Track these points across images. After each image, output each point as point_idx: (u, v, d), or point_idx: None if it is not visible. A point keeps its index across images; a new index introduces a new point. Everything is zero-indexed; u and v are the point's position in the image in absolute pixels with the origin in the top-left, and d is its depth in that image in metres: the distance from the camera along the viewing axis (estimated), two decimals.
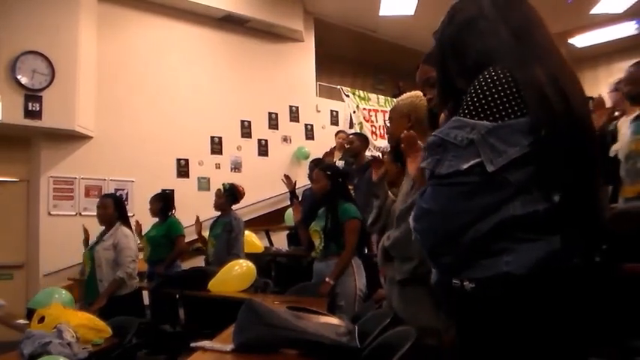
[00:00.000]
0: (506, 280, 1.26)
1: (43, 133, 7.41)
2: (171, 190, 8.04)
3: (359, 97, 10.19)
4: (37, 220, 7.48)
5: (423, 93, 2.37)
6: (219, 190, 6.06)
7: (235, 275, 4.99)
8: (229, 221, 5.85)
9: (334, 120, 10.93)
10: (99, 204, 5.29)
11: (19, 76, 6.91)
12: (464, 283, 1.30)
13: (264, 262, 6.86)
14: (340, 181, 4.81)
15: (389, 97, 10.59)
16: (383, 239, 2.88)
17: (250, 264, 5.09)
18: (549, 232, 1.28)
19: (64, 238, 6.97)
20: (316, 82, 10.91)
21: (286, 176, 5.73)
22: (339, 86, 10.46)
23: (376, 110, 10.22)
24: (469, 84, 1.38)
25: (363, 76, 13.23)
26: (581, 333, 1.33)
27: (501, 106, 1.28)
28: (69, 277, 7.01)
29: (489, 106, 1.28)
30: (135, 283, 5.16)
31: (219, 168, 9.19)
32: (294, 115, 10.36)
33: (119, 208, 5.28)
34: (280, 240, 8.30)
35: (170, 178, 8.56)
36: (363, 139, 6.82)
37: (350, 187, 5.39)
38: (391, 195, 3.16)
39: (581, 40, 11.41)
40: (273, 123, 10.06)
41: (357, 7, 10.35)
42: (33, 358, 2.95)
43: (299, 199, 5.83)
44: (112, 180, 8.00)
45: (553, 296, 1.27)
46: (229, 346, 2.38)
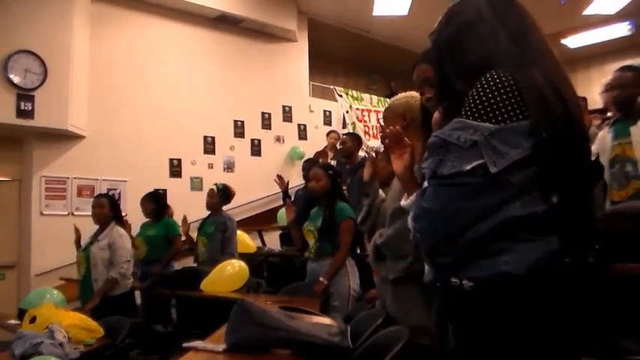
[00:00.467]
0: (505, 280, 1.27)
1: (35, 132, 7.38)
2: (164, 190, 8.03)
3: (352, 97, 10.21)
4: (29, 220, 7.44)
5: (421, 92, 2.34)
6: (212, 190, 6.05)
7: (228, 275, 4.99)
8: (223, 221, 5.83)
9: (327, 120, 10.94)
10: (95, 203, 5.29)
11: (11, 76, 6.87)
12: (463, 282, 1.31)
13: (256, 262, 6.86)
14: (338, 182, 4.83)
15: (382, 97, 10.63)
16: (375, 237, 2.87)
17: (243, 264, 5.09)
18: (547, 233, 1.30)
19: (56, 238, 6.93)
20: (309, 82, 10.90)
21: (279, 176, 5.73)
22: (332, 86, 10.48)
23: (369, 110, 10.24)
24: (469, 86, 1.39)
25: (356, 76, 13.25)
26: (578, 332, 1.35)
27: (504, 109, 1.29)
28: (61, 277, 6.99)
29: (492, 109, 1.30)
30: (129, 283, 5.15)
31: (212, 168, 9.17)
32: (287, 115, 10.36)
33: (114, 207, 5.30)
34: (273, 240, 8.30)
35: (163, 177, 8.54)
36: (355, 139, 6.82)
37: (344, 187, 5.41)
38: (381, 194, 3.16)
39: (575, 41, 11.46)
40: (266, 123, 10.05)
41: (351, 8, 10.36)
42: (24, 358, 2.94)
43: (292, 199, 5.82)
44: (104, 180, 7.97)
45: (551, 296, 1.29)
46: (222, 347, 2.38)
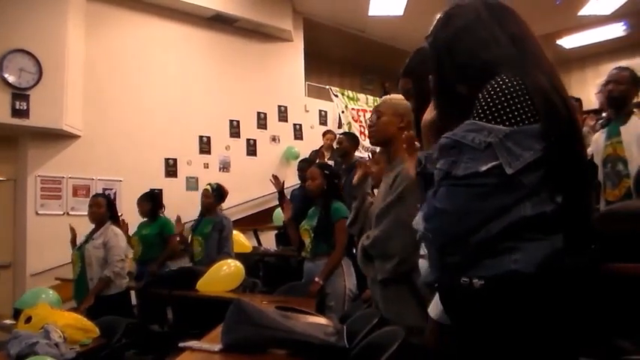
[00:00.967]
0: (515, 278, 1.30)
1: (30, 132, 7.36)
2: (160, 190, 8.01)
3: (348, 97, 10.22)
4: (25, 220, 7.42)
5: (412, 105, 2.40)
6: (206, 190, 6.02)
7: (224, 275, 4.99)
8: (220, 221, 5.81)
9: (323, 120, 10.95)
10: (92, 202, 5.29)
11: (5, 75, 6.84)
12: (473, 280, 1.33)
13: (252, 261, 6.86)
14: (335, 182, 4.83)
15: (377, 98, 10.61)
16: (362, 239, 2.90)
17: (239, 264, 5.09)
18: (554, 232, 1.33)
19: (51, 237, 6.91)
20: (305, 81, 10.90)
21: (274, 176, 5.73)
22: (327, 86, 10.48)
23: (365, 110, 10.24)
24: (471, 89, 1.42)
25: (351, 76, 13.24)
26: (580, 330, 1.38)
27: (516, 112, 1.31)
28: (56, 277, 6.96)
29: (505, 112, 1.32)
30: (124, 282, 5.15)
31: (207, 168, 9.16)
32: (282, 115, 10.36)
33: (110, 207, 5.30)
34: (268, 240, 8.30)
35: (158, 177, 8.53)
36: (352, 138, 6.80)
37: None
38: (369, 197, 3.21)
39: (570, 42, 11.49)
40: (261, 123, 10.04)
41: (346, 7, 10.35)
42: (20, 358, 2.94)
43: (288, 199, 5.82)
44: (100, 179, 7.95)
45: (558, 294, 1.32)
46: (217, 346, 2.38)
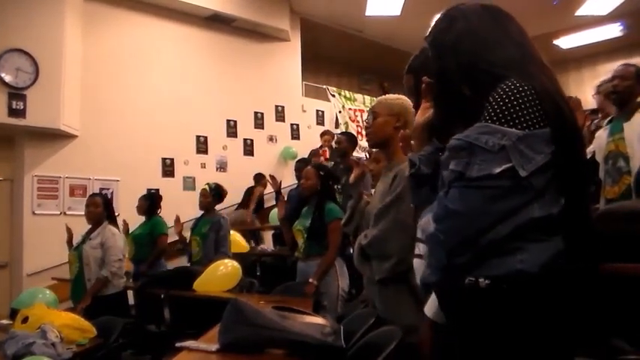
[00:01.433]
0: (520, 278, 1.31)
1: (27, 131, 7.35)
2: (157, 190, 8.01)
3: (345, 97, 10.23)
4: (21, 220, 7.41)
5: (414, 103, 2.39)
6: (204, 190, 6.02)
7: (221, 275, 4.98)
8: (217, 220, 5.80)
9: (320, 120, 10.96)
10: (89, 202, 5.27)
11: (2, 74, 6.84)
12: (479, 280, 1.34)
13: (249, 261, 6.86)
14: (329, 183, 4.83)
15: (375, 98, 10.60)
16: (359, 238, 2.90)
17: (236, 264, 5.08)
18: (557, 233, 1.36)
19: (48, 237, 6.90)
20: (302, 81, 10.92)
21: (271, 176, 5.72)
22: (325, 86, 10.50)
23: (362, 110, 10.26)
24: (478, 91, 1.43)
25: (349, 76, 13.26)
26: (579, 330, 1.39)
27: (528, 116, 1.34)
28: (53, 277, 6.96)
29: (517, 115, 1.34)
30: (122, 282, 5.13)
31: (204, 167, 9.17)
32: (279, 115, 10.37)
33: (107, 207, 5.29)
34: (266, 240, 8.30)
35: (155, 177, 8.54)
36: (350, 138, 6.77)
37: (337, 188, 5.40)
38: (365, 197, 3.22)
39: (567, 42, 11.52)
40: (258, 122, 10.05)
41: (344, 7, 10.37)
42: (17, 358, 2.94)
43: (283, 197, 5.82)
44: (97, 179, 7.95)
45: (561, 294, 1.34)
46: (214, 346, 2.38)
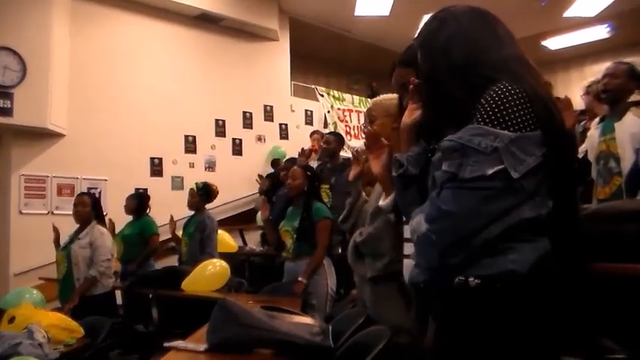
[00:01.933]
0: (510, 278, 1.33)
1: (14, 130, 7.32)
2: (145, 189, 7.98)
3: (333, 97, 10.21)
4: (8, 219, 7.37)
5: (399, 96, 2.35)
6: (192, 190, 6.02)
7: (209, 275, 4.98)
8: (202, 220, 5.81)
9: (309, 120, 10.95)
10: (77, 201, 5.23)
11: None
12: (469, 279, 1.35)
13: (237, 261, 6.84)
14: (316, 183, 4.85)
15: (363, 97, 10.64)
16: (354, 236, 2.90)
17: (224, 263, 5.07)
18: (545, 234, 1.37)
19: (35, 237, 6.85)
20: (291, 81, 10.91)
21: (260, 176, 5.72)
22: (313, 86, 10.48)
23: (350, 110, 10.25)
24: (470, 93, 1.44)
25: (337, 76, 13.27)
26: (566, 330, 1.41)
27: (520, 119, 1.35)
28: (40, 277, 6.91)
29: (510, 117, 1.35)
30: (110, 282, 5.10)
31: (193, 167, 9.14)
32: (268, 115, 10.35)
33: (95, 206, 5.25)
34: (254, 239, 8.30)
35: (144, 176, 8.50)
36: (338, 138, 6.80)
37: (326, 187, 5.41)
38: (364, 195, 3.20)
39: (555, 43, 11.60)
40: (247, 122, 10.03)
41: (333, 7, 10.37)
42: (3, 359, 2.92)
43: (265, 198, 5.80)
44: (84, 179, 7.91)
45: (549, 294, 1.35)
46: (203, 346, 2.38)
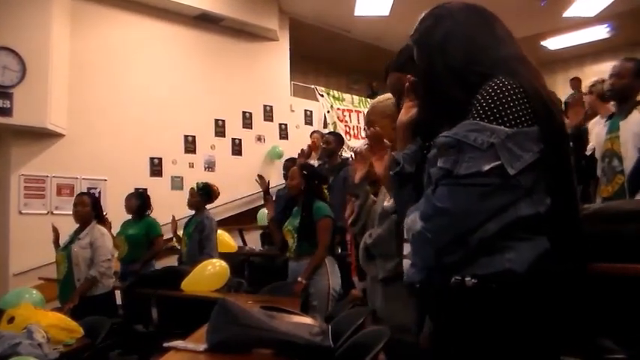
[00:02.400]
0: (508, 277, 1.31)
1: (13, 130, 7.32)
2: (145, 189, 7.96)
3: (333, 97, 10.22)
4: (7, 219, 7.37)
5: (397, 101, 2.32)
6: (192, 189, 6.03)
7: (209, 275, 4.97)
8: (201, 220, 5.81)
9: (308, 120, 10.95)
10: (77, 201, 5.21)
11: None
12: (465, 279, 1.33)
13: (237, 261, 6.84)
14: (316, 182, 4.83)
15: (363, 98, 10.67)
16: (365, 237, 2.89)
17: (224, 263, 5.07)
18: (543, 232, 1.36)
19: (34, 237, 6.85)
20: (291, 81, 10.91)
21: (260, 176, 5.71)
22: (313, 86, 10.49)
23: (350, 110, 10.26)
24: (467, 91, 1.42)
25: (337, 76, 13.27)
26: (568, 329, 1.40)
27: (516, 114, 1.33)
28: (40, 277, 6.91)
29: (506, 113, 1.33)
30: (110, 282, 5.09)
31: (192, 167, 9.15)
32: (268, 115, 10.35)
33: (95, 206, 5.24)
34: (254, 239, 8.30)
35: (143, 176, 8.50)
36: (338, 138, 6.81)
37: (324, 186, 5.40)
38: (371, 196, 3.20)
39: (554, 43, 11.61)
40: (247, 122, 10.04)
41: (332, 7, 10.38)
42: (2, 359, 2.92)
43: (270, 197, 5.81)
44: (84, 179, 7.91)
45: (547, 293, 1.34)
46: (202, 346, 2.38)
